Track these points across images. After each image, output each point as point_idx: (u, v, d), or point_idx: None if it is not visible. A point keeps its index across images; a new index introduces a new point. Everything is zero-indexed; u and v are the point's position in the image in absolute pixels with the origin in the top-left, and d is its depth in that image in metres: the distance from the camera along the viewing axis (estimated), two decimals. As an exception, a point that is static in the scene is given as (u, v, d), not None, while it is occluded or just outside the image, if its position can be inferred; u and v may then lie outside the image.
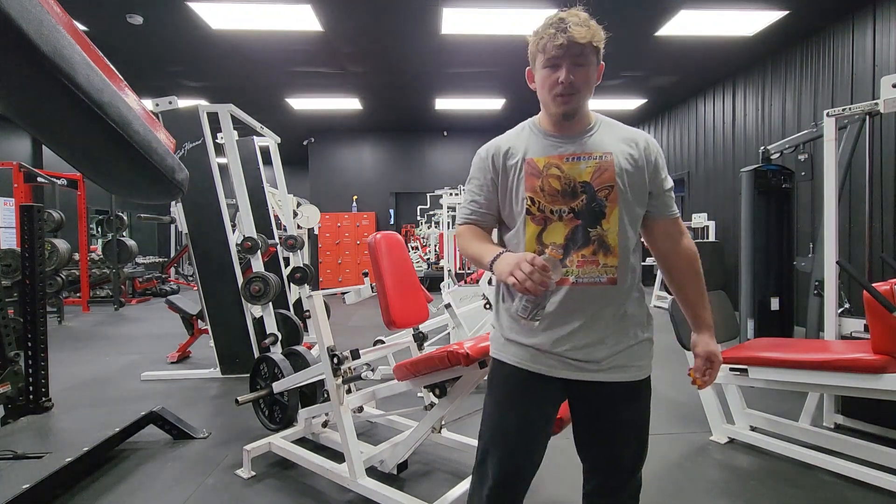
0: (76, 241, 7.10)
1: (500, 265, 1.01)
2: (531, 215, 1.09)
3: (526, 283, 0.92)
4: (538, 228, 1.08)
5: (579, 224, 1.06)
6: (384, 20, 4.74)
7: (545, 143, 1.12)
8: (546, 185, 1.08)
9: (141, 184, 1.80)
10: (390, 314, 1.95)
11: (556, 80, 1.05)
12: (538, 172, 1.09)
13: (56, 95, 1.27)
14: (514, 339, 1.12)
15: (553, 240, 1.07)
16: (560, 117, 1.11)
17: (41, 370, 2.43)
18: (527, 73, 1.16)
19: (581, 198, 1.07)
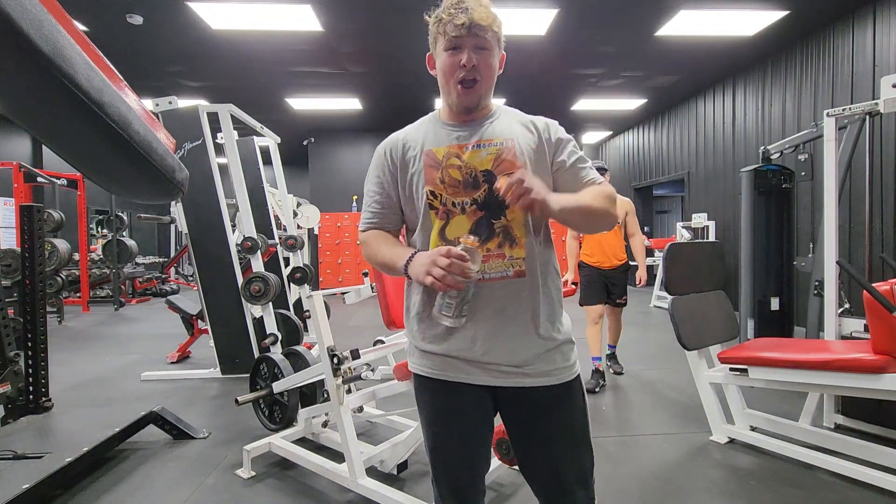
0: (76, 241, 7.10)
1: (415, 267, 0.95)
2: (434, 210, 1.01)
3: (445, 279, 0.87)
4: (441, 223, 1.01)
5: (483, 216, 1.00)
6: (384, 20, 4.74)
7: (444, 132, 1.05)
8: (446, 177, 1.01)
9: (141, 184, 1.80)
10: (390, 314, 1.95)
11: (457, 63, 0.99)
12: (437, 164, 1.02)
13: (56, 95, 1.27)
14: (427, 350, 1.04)
15: (457, 234, 0.99)
16: (461, 108, 1.04)
17: (41, 370, 2.43)
18: (427, 58, 1.10)
19: (483, 188, 1.00)
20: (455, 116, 1.07)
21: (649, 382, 3.38)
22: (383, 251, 1.06)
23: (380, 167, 1.10)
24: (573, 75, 6.29)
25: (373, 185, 1.12)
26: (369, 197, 1.12)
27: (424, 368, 1.06)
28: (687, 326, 2.32)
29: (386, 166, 1.09)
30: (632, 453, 2.29)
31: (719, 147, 6.53)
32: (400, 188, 1.07)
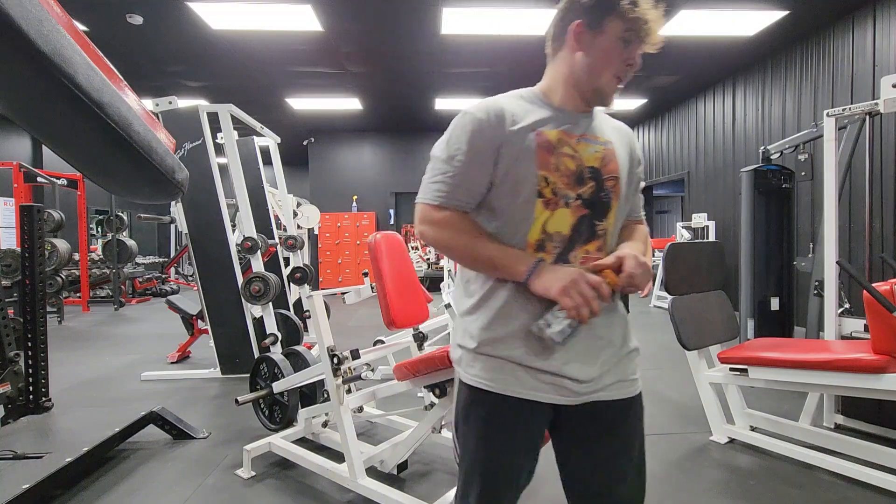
0: (76, 241, 7.10)
1: (548, 280, 0.86)
2: (542, 198, 0.90)
3: (582, 308, 0.82)
4: (548, 215, 0.90)
5: (587, 214, 0.92)
6: (384, 20, 4.74)
7: (551, 114, 0.94)
8: (561, 165, 0.91)
9: (141, 184, 1.80)
10: (390, 314, 1.95)
11: (626, 58, 0.92)
12: (551, 148, 0.91)
13: (56, 95, 1.27)
14: (497, 355, 0.92)
15: (558, 229, 0.91)
16: (594, 99, 0.96)
17: (41, 370, 2.43)
18: (575, 28, 0.92)
19: (589, 184, 0.92)
20: (570, 102, 0.96)
21: (649, 382, 3.38)
22: (484, 245, 0.91)
23: (477, 133, 0.90)
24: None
25: (461, 154, 0.91)
26: (452, 166, 0.91)
27: (488, 382, 0.92)
28: (687, 326, 2.31)
29: (486, 133, 0.90)
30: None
31: (719, 147, 6.53)
32: (498, 164, 0.90)
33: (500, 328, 0.92)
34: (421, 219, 0.94)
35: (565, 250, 0.92)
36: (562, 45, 0.96)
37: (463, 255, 0.93)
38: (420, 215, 0.94)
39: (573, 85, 0.95)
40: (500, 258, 0.90)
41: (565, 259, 0.92)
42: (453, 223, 0.92)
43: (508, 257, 0.89)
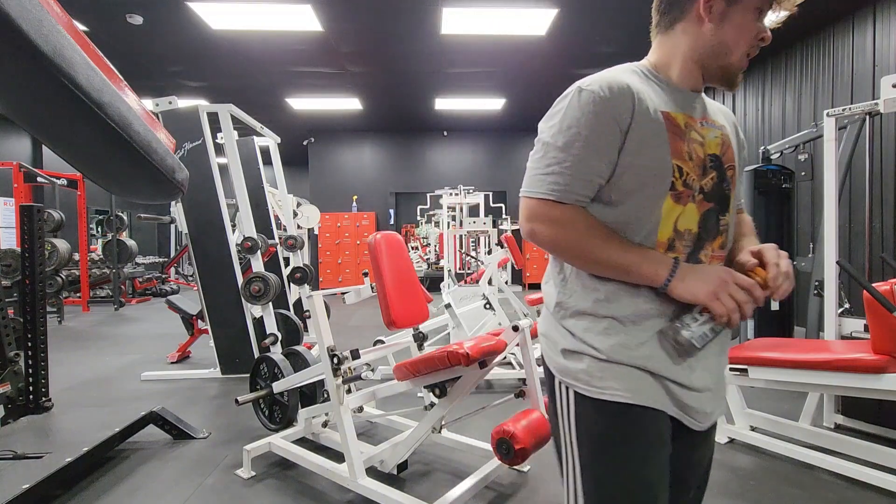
0: (76, 241, 7.10)
1: (694, 283, 0.75)
2: (673, 192, 0.79)
3: (734, 313, 0.73)
4: (679, 211, 0.80)
5: (712, 208, 0.83)
6: (384, 20, 4.74)
7: (671, 95, 0.83)
8: (693, 152, 0.80)
9: (141, 184, 1.80)
10: (390, 314, 1.95)
11: (759, 33, 0.83)
12: (681, 133, 0.80)
13: (56, 95, 1.27)
14: (634, 364, 0.79)
15: (688, 226, 0.81)
16: (719, 78, 0.85)
17: (41, 370, 2.43)
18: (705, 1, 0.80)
19: (711, 174, 0.82)
20: (688, 81, 0.85)
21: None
22: (616, 248, 0.78)
23: (602, 114, 0.76)
24: (573, 75, 6.27)
25: (580, 140, 0.76)
26: (570, 154, 0.77)
27: (631, 395, 0.78)
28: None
29: (612, 114, 0.76)
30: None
31: (719, 147, 6.52)
32: (624, 151, 0.77)
33: (632, 334, 0.79)
34: (531, 216, 0.80)
35: (696, 249, 0.82)
36: (682, 15, 0.83)
37: (588, 258, 0.79)
38: (530, 212, 0.80)
39: (696, 61, 0.84)
40: (635, 263, 0.77)
41: (696, 259, 0.82)
42: (575, 222, 0.78)
43: (646, 261, 0.77)
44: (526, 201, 0.81)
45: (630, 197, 0.79)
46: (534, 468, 2.12)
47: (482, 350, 1.50)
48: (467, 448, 2.12)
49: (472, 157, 9.79)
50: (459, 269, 7.80)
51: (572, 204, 0.78)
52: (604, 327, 0.80)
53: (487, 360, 1.59)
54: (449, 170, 9.67)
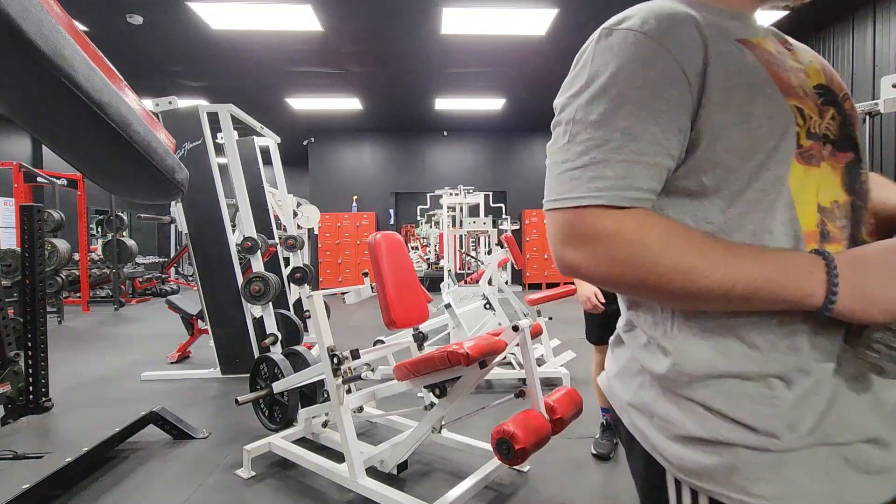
0: (76, 241, 7.10)
1: (876, 289, 0.45)
2: (800, 150, 0.51)
3: None
4: (816, 176, 0.52)
5: (851, 161, 0.55)
6: (384, 20, 4.75)
7: (735, 22, 0.56)
8: (803, 86, 0.54)
9: (141, 184, 1.80)
10: (390, 314, 1.95)
11: None
12: (778, 63, 0.54)
13: (56, 95, 1.27)
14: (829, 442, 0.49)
15: (834, 196, 0.53)
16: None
17: (41, 370, 2.43)
18: None
19: (829, 112, 0.55)
20: (749, 3, 0.59)
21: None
22: (720, 261, 0.47)
23: (658, 57, 0.50)
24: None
25: (630, 104, 0.50)
26: (614, 128, 0.50)
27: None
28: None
29: (674, 54, 0.50)
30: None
31: (719, 147, 6.53)
32: (706, 108, 0.50)
33: (810, 394, 0.49)
34: (567, 236, 0.51)
35: (856, 229, 0.54)
36: None
37: (678, 288, 0.48)
38: (564, 230, 0.52)
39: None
40: (767, 279, 0.46)
41: (860, 242, 0.53)
42: (645, 233, 0.49)
43: (783, 271, 0.46)
44: (554, 216, 0.53)
45: (733, 175, 0.50)
46: (534, 468, 2.12)
47: (482, 350, 1.50)
48: (467, 448, 2.12)
49: (472, 157, 9.79)
50: (459, 269, 7.80)
51: (631, 207, 0.49)
52: (762, 393, 0.49)
53: (487, 360, 1.59)
54: (449, 170, 9.67)
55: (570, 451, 2.31)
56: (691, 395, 0.53)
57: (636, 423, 0.59)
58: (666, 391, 0.56)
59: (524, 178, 9.69)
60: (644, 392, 0.58)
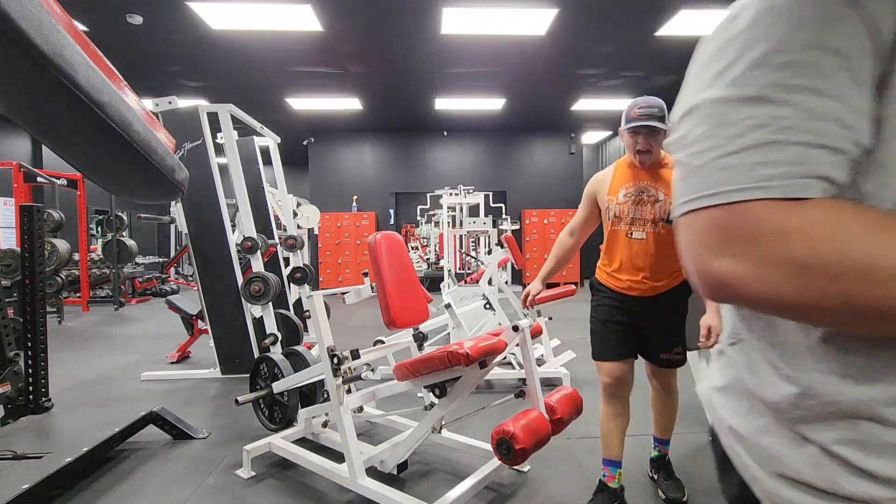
0: (76, 241, 7.10)
1: None
2: None
3: None
4: None
5: None
6: (384, 20, 4.74)
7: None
8: None
9: (141, 184, 1.80)
10: (390, 314, 1.95)
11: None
12: None
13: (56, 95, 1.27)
14: None
15: None
16: None
17: (41, 370, 2.43)
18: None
19: None
20: None
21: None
22: None
23: (844, 17, 0.37)
24: (573, 75, 6.29)
25: (809, 69, 0.37)
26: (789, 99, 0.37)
27: None
28: (687, 326, 2.31)
29: (860, 12, 0.37)
30: (632, 453, 2.28)
31: (719, 147, 6.53)
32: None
33: None
34: (723, 240, 0.40)
35: None
36: None
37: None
38: (719, 235, 0.40)
39: None
40: None
41: None
42: (846, 226, 0.36)
43: None
44: (696, 218, 0.41)
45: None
46: (534, 468, 2.12)
47: (482, 350, 1.50)
48: (467, 448, 2.12)
49: (472, 157, 9.79)
50: (459, 269, 7.80)
51: (819, 197, 0.37)
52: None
53: (487, 360, 1.59)
54: (449, 170, 9.67)
55: (570, 451, 2.31)
56: (810, 435, 0.43)
57: (736, 449, 0.51)
58: (779, 422, 0.46)
59: (524, 178, 9.69)
60: (752, 419, 0.49)
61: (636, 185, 1.75)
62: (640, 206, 1.73)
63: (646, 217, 1.72)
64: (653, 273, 1.74)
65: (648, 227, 1.73)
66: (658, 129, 1.66)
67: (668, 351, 1.83)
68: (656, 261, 1.73)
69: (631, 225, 1.75)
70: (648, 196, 1.73)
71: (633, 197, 1.74)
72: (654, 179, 1.74)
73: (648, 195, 1.73)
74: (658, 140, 1.70)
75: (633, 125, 1.68)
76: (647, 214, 1.72)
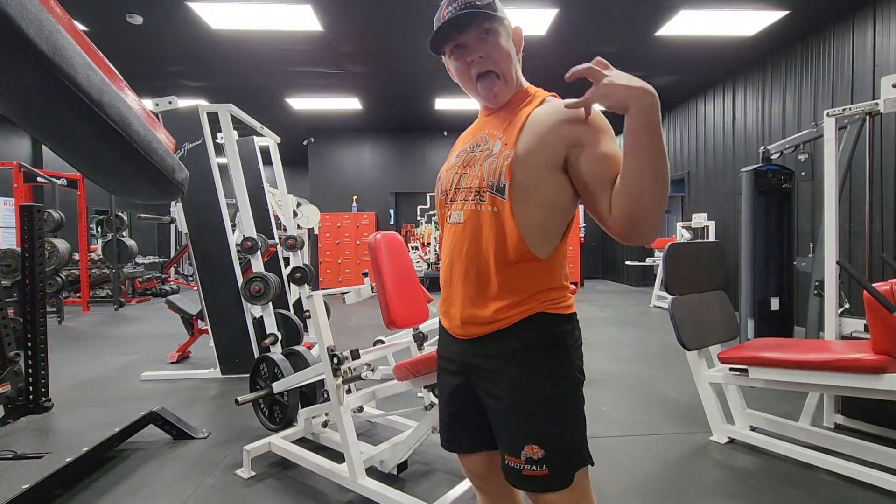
0: (76, 241, 7.10)
1: None
2: None
3: None
4: None
5: None
6: (384, 20, 4.74)
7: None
8: None
9: (141, 184, 1.80)
10: (390, 314, 1.95)
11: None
12: None
13: (56, 95, 1.27)
14: None
15: None
16: None
17: (41, 370, 2.43)
18: None
19: None
20: None
21: (649, 382, 3.38)
22: None
23: None
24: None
25: None
26: None
27: None
28: (687, 326, 2.31)
29: None
30: (632, 453, 2.29)
31: (719, 147, 6.53)
32: None
33: None
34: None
35: None
36: None
37: None
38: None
39: None
40: None
41: None
42: None
43: None
44: None
45: None
46: (534, 468, 2.12)
47: (482, 350, 1.49)
48: (467, 448, 2.12)
49: (472, 157, 9.78)
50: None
51: None
52: None
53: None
54: (449, 170, 9.65)
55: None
56: None
57: None
58: None
59: None
60: None
61: (475, 137, 1.04)
62: (468, 169, 0.99)
63: (470, 185, 0.97)
64: (471, 290, 0.97)
65: (469, 202, 0.97)
66: (490, 16, 0.95)
67: (514, 452, 0.94)
68: (473, 266, 0.97)
69: (452, 202, 1.02)
70: (481, 151, 0.99)
71: (464, 156, 1.03)
72: (499, 121, 1.01)
73: (483, 148, 0.99)
74: (500, 45, 0.98)
75: (443, 28, 0.95)
76: (471, 181, 0.97)
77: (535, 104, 0.99)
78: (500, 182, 0.91)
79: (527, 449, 0.92)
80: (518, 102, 1.01)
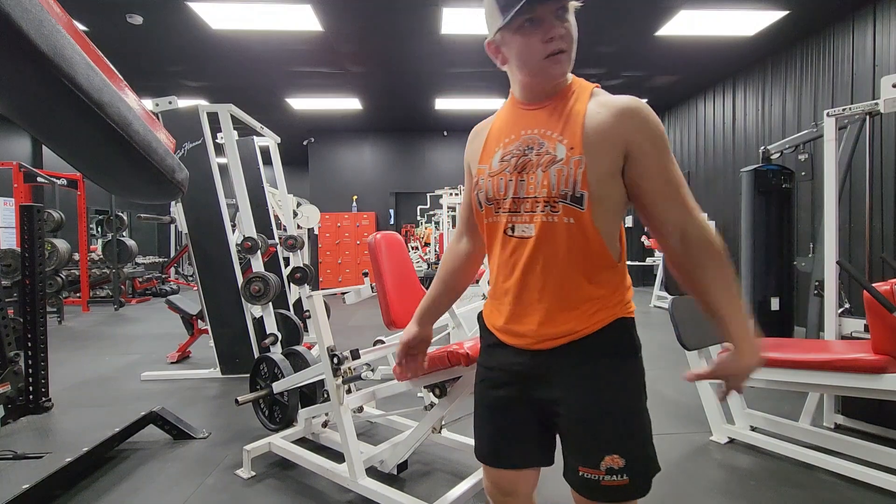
0: (76, 241, 7.10)
1: None
2: None
3: None
4: None
5: None
6: (384, 20, 4.74)
7: None
8: None
9: (141, 184, 1.80)
10: (390, 314, 1.95)
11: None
12: None
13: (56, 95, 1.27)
14: None
15: None
16: None
17: (41, 370, 2.43)
18: None
19: None
20: None
21: (649, 382, 3.36)
22: None
23: None
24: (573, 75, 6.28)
25: None
26: None
27: None
28: (687, 326, 2.31)
29: None
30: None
31: (719, 147, 6.53)
32: None
33: None
34: None
35: None
36: None
37: None
38: None
39: None
40: None
41: None
42: None
43: None
44: None
45: None
46: (534, 468, 2.12)
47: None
48: (467, 448, 2.12)
49: (472, 157, 9.78)
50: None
51: None
52: None
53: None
54: (449, 170, 9.66)
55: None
56: None
57: None
58: None
59: None
60: None
61: (521, 136, 0.96)
62: (526, 175, 0.93)
63: (536, 194, 0.91)
64: (555, 304, 0.93)
65: (538, 213, 0.91)
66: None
67: (592, 463, 0.92)
68: (552, 279, 0.93)
69: (512, 213, 0.94)
70: (539, 153, 0.92)
71: (514, 160, 0.95)
72: (551, 119, 0.94)
73: (539, 151, 0.92)
74: (573, 25, 0.99)
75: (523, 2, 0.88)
76: (535, 189, 0.91)
77: (585, 98, 0.95)
78: (577, 191, 0.87)
79: (607, 459, 0.90)
80: (565, 94, 0.98)
